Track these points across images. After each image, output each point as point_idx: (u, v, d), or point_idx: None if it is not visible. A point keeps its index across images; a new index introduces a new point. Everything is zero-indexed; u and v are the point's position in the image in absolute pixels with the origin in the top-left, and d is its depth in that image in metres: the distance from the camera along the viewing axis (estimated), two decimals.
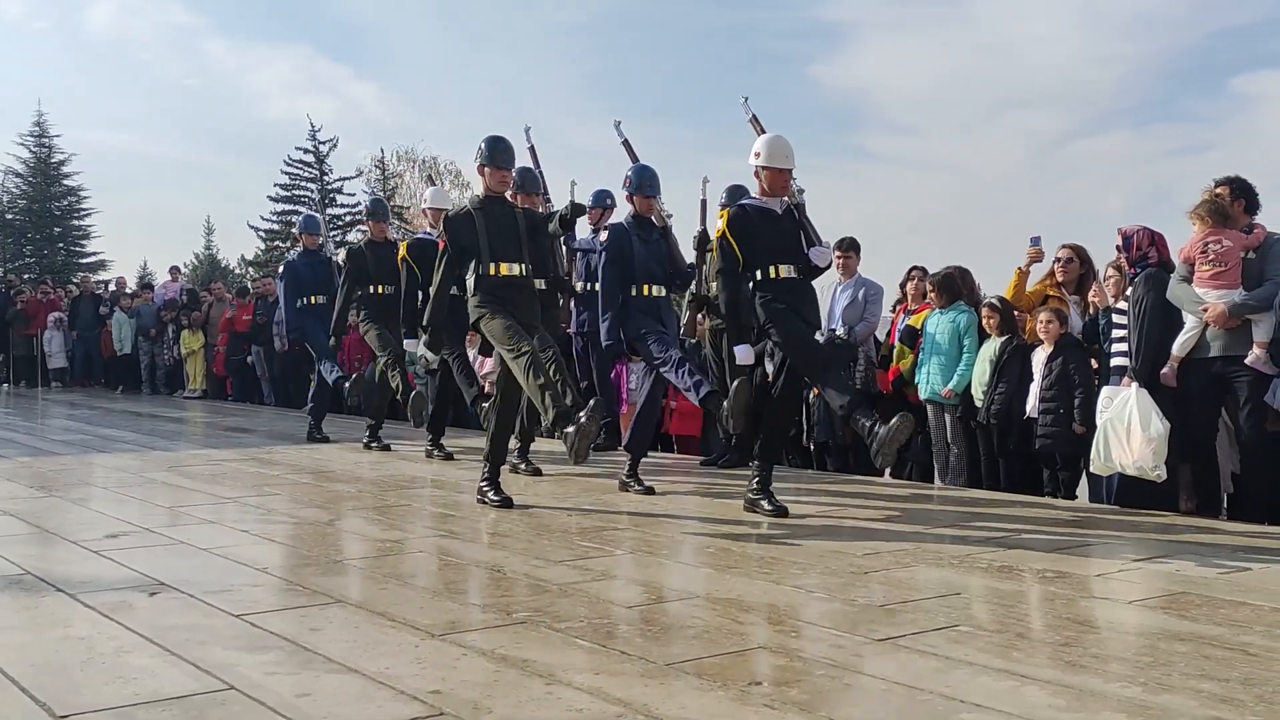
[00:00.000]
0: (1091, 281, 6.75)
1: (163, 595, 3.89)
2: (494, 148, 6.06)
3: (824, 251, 5.69)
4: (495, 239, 5.97)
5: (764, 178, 5.60)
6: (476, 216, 5.99)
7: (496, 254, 5.95)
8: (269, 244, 43.12)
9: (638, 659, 3.10)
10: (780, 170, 5.57)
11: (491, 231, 5.97)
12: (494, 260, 5.94)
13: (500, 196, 6.17)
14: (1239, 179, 5.82)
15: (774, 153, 5.57)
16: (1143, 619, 3.63)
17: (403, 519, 5.59)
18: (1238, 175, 5.84)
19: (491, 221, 6.00)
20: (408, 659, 3.12)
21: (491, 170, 6.06)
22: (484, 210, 6.04)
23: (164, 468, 7.69)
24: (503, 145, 6.10)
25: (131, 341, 17.06)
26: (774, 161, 5.56)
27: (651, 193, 6.75)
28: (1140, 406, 5.61)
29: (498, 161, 6.06)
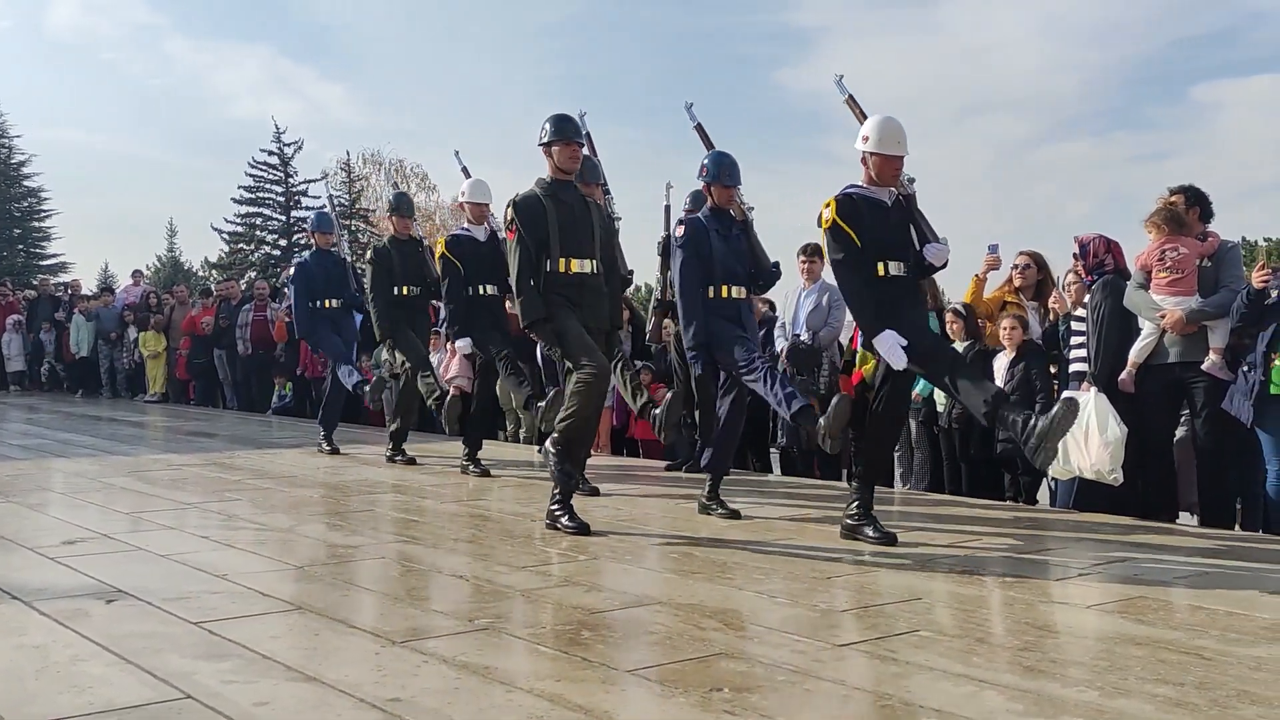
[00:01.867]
0: (1050, 288, 6.83)
1: (120, 602, 3.84)
2: (561, 121, 5.48)
3: (940, 249, 5.10)
4: (566, 230, 5.41)
5: (872, 164, 4.98)
6: (547, 204, 5.42)
7: (567, 248, 5.40)
8: (233, 246, 42.83)
9: (599, 665, 3.09)
10: (891, 157, 4.94)
11: (563, 222, 5.41)
12: (565, 255, 5.40)
13: (570, 181, 5.56)
14: (1193, 187, 5.91)
15: (885, 137, 4.94)
16: (1100, 623, 3.66)
17: (364, 524, 5.56)
18: (1191, 184, 5.93)
19: (563, 210, 5.45)
20: (368, 667, 3.10)
21: (561, 146, 5.44)
22: (554, 196, 5.46)
23: (124, 473, 7.61)
24: (571, 120, 5.52)
25: (90, 345, 16.86)
26: (885, 148, 4.93)
27: (731, 182, 5.84)
28: (1098, 411, 5.68)
29: (567, 134, 5.46)
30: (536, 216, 5.39)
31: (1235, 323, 5.64)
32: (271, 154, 42.43)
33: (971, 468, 6.90)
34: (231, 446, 9.49)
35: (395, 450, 8.25)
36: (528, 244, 5.37)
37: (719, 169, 5.82)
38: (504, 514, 5.93)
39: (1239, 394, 5.60)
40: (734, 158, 5.90)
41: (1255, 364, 5.57)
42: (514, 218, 5.43)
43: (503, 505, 6.26)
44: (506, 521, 5.68)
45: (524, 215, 5.39)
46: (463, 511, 6.08)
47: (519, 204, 5.44)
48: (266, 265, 40.11)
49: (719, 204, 5.85)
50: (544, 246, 5.37)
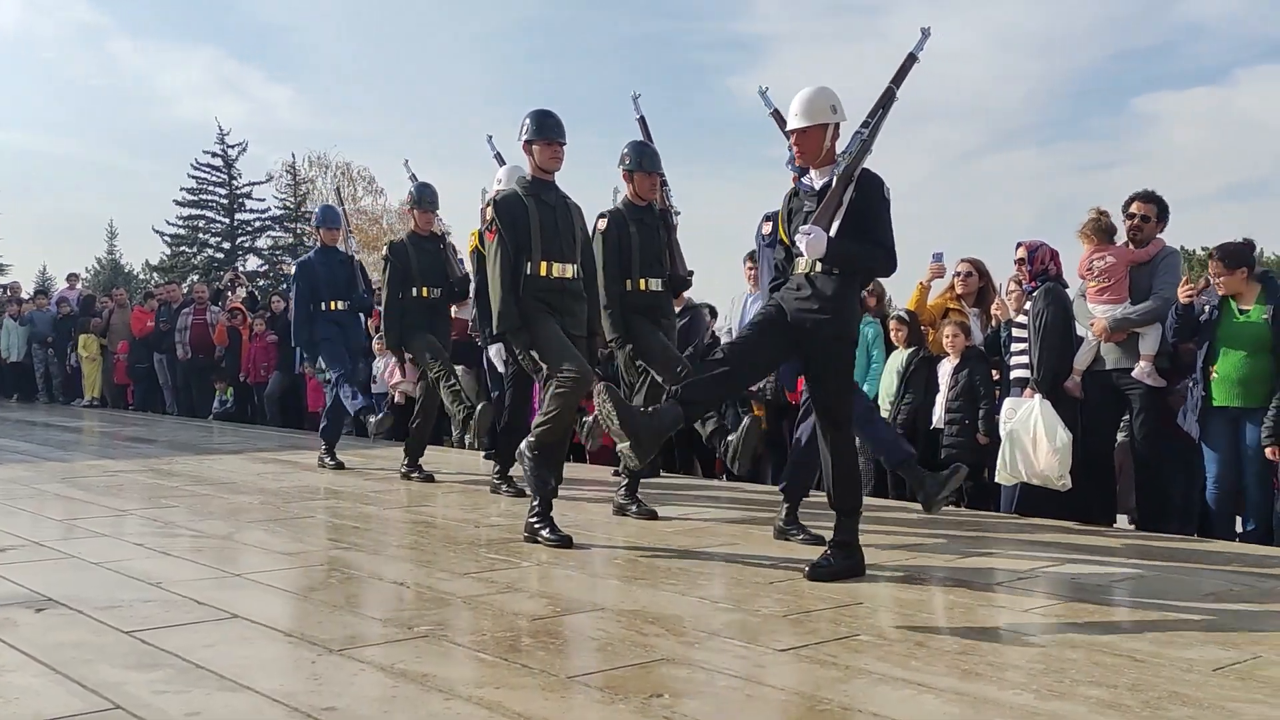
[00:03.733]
0: (992, 294, 6.91)
1: (50, 611, 3.76)
2: (543, 117, 5.30)
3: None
4: (548, 233, 5.28)
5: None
6: (529, 204, 5.28)
7: (548, 252, 5.27)
8: (175, 249, 42.21)
9: (539, 672, 3.07)
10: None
11: (545, 224, 5.28)
12: (545, 259, 5.27)
13: (551, 181, 5.40)
14: (1151, 194, 6.00)
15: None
16: (1040, 625, 3.70)
17: (304, 531, 5.48)
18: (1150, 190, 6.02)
19: (545, 211, 5.30)
20: (303, 675, 3.05)
21: (542, 145, 5.30)
22: (535, 197, 5.31)
23: (57, 479, 7.46)
24: (552, 117, 5.31)
25: (22, 349, 16.53)
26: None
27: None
28: (1045, 418, 5.73)
29: (547, 133, 5.30)
30: (518, 217, 5.24)
31: (1171, 337, 5.75)
32: (215, 155, 41.92)
33: None
34: (170, 452, 9.34)
35: (411, 465, 7.53)
36: (508, 246, 5.22)
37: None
38: (447, 520, 5.88)
39: (1189, 410, 5.70)
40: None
41: (1196, 379, 5.67)
42: (495, 218, 5.28)
43: (446, 511, 6.20)
44: (449, 528, 5.63)
45: (505, 216, 5.25)
46: (405, 518, 6.01)
47: (500, 203, 5.31)
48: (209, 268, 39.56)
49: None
50: (524, 250, 5.23)
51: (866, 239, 4.29)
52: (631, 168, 5.80)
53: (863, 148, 4.33)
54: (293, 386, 12.36)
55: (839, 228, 4.25)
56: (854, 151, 4.34)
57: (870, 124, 4.40)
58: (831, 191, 4.29)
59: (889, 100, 4.49)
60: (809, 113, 4.36)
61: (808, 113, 4.36)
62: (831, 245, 4.22)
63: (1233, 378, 5.53)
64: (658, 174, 5.83)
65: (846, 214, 4.26)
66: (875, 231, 4.31)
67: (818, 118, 4.36)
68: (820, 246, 4.21)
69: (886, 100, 4.48)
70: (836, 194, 4.27)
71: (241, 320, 12.98)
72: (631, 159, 5.80)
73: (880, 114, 4.46)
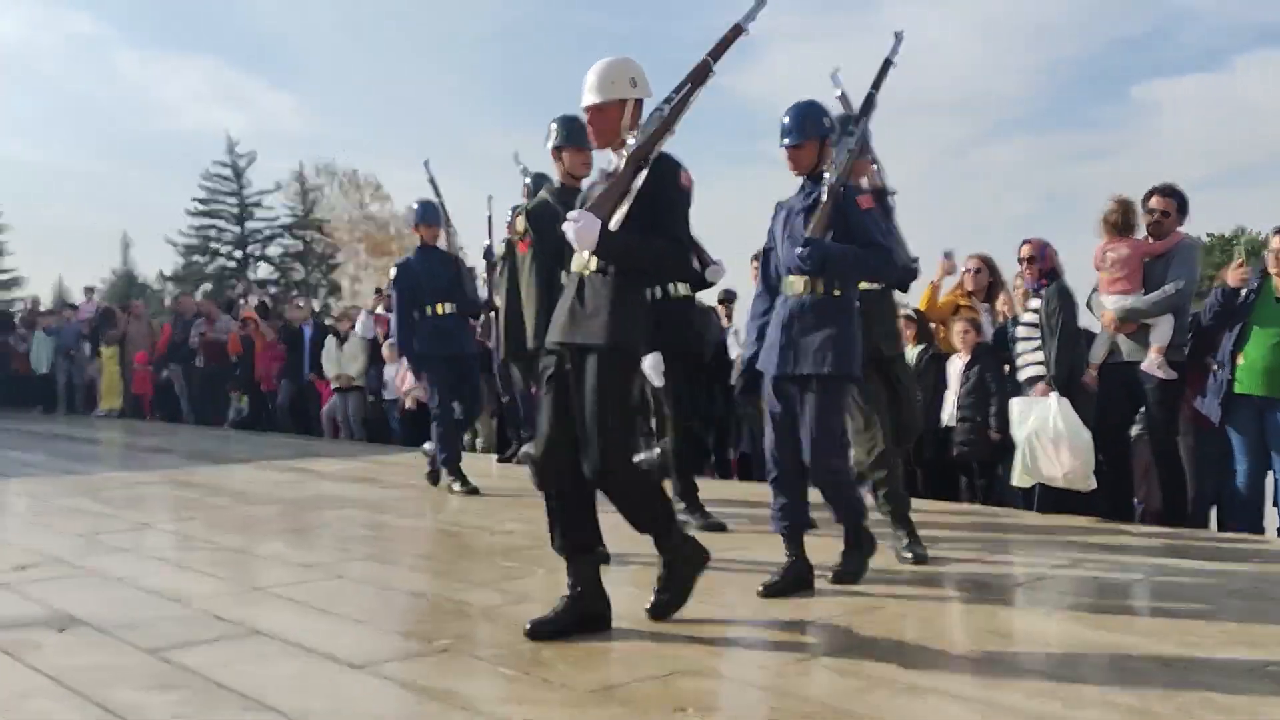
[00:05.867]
0: (1000, 290, 6.88)
1: (72, 631, 3.77)
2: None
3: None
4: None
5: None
6: (560, 211, 4.98)
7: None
8: (187, 259, 42.38)
9: (560, 686, 3.07)
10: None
11: None
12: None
13: (578, 188, 5.11)
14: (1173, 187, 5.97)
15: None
16: (1060, 629, 3.68)
17: (321, 542, 5.50)
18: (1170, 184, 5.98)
19: None
20: (324, 694, 3.05)
21: (571, 152, 5.20)
22: (566, 205, 4.96)
23: (79, 492, 7.48)
24: (578, 120, 4.94)
25: (50, 361, 16.63)
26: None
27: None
28: (1067, 418, 5.67)
29: (576, 140, 5.14)
30: (552, 226, 4.88)
31: (1206, 319, 5.73)
32: (225, 165, 42.06)
33: (927, 471, 6.92)
34: (188, 462, 9.36)
35: (455, 476, 7.20)
36: (545, 258, 5.04)
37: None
38: (462, 528, 5.88)
39: (1210, 393, 5.67)
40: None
41: (1223, 362, 5.63)
42: (528, 228, 5.20)
43: (461, 519, 6.20)
44: (465, 536, 5.63)
45: (539, 225, 5.11)
46: (420, 526, 6.03)
47: (533, 212, 5.23)
48: (222, 276, 39.71)
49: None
50: (559, 259, 4.91)
51: (655, 233, 3.65)
52: (559, 143, 5.28)
53: (849, 157, 4.30)
54: (301, 394, 12.40)
55: (624, 218, 3.61)
56: (841, 161, 4.27)
57: (854, 132, 4.45)
58: (618, 175, 3.68)
59: (869, 106, 4.53)
60: (603, 87, 3.77)
61: (602, 87, 3.77)
62: (604, 236, 3.57)
63: (1260, 366, 5.48)
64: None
65: (636, 202, 3.62)
66: (666, 225, 3.67)
67: (613, 92, 3.77)
68: (591, 236, 3.56)
69: (867, 106, 4.52)
70: (624, 178, 3.65)
71: (255, 329, 13.02)
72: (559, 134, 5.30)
73: (864, 121, 4.50)
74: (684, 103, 3.73)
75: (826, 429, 4.21)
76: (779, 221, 4.49)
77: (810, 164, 4.37)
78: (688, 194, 3.77)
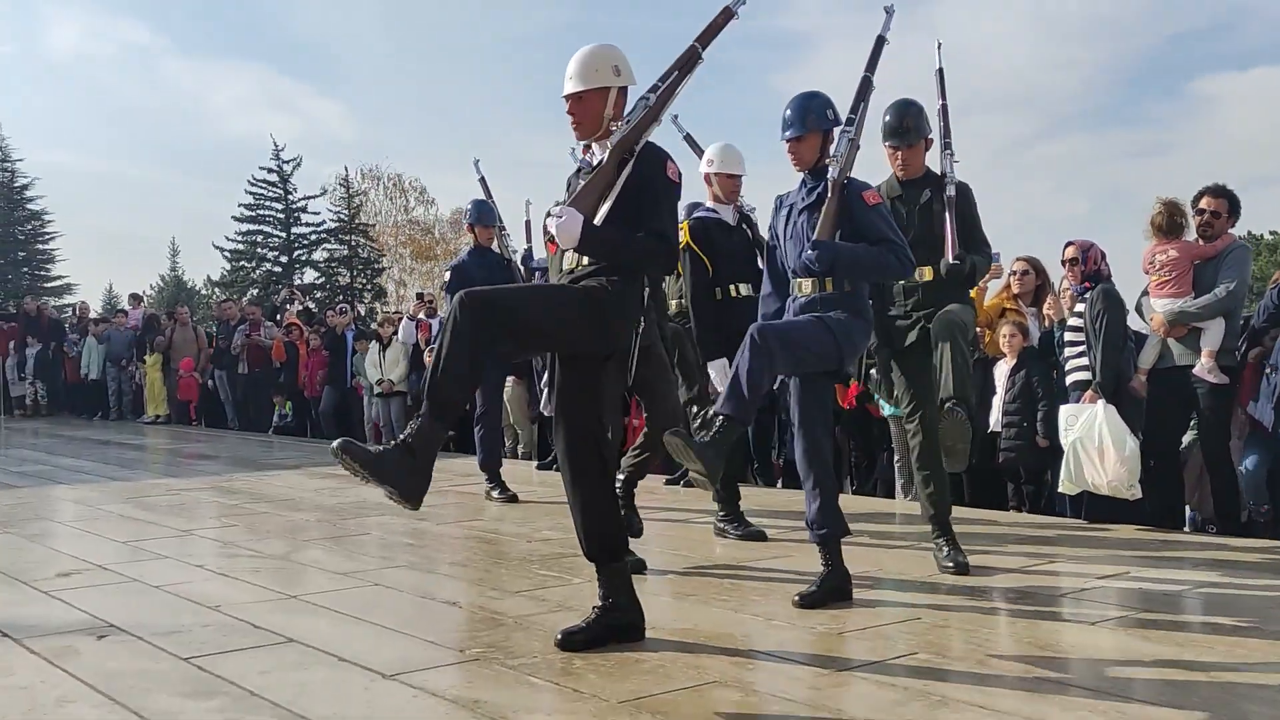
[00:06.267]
0: (1048, 293, 6.78)
1: (111, 638, 3.79)
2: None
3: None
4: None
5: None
6: (714, 229, 5.48)
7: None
8: (234, 264, 42.87)
9: (590, 697, 3.04)
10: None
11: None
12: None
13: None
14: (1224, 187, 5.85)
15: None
16: (1106, 640, 3.60)
17: (359, 549, 5.51)
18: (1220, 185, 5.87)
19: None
20: (357, 703, 3.05)
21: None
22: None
23: (123, 499, 7.57)
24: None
25: (101, 367, 16.89)
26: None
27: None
28: (1111, 425, 5.57)
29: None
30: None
31: (1260, 319, 5.63)
32: (271, 171, 42.49)
33: (973, 477, 6.83)
34: (231, 469, 9.45)
35: (494, 483, 7.24)
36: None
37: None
38: (499, 535, 5.88)
39: (1263, 397, 5.56)
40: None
41: (1276, 365, 5.52)
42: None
43: (499, 526, 6.20)
44: (501, 543, 5.62)
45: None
46: (458, 533, 6.02)
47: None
48: (268, 282, 40.14)
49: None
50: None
51: (641, 228, 3.49)
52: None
53: (851, 147, 4.20)
54: (344, 399, 12.48)
55: (609, 212, 3.47)
56: (842, 154, 4.17)
57: (855, 120, 4.26)
58: (601, 167, 3.52)
59: (867, 90, 4.36)
60: (584, 75, 3.63)
61: (583, 75, 3.63)
62: (588, 231, 3.42)
63: None
64: None
65: (620, 196, 3.48)
66: (652, 219, 3.50)
67: (594, 80, 3.62)
68: (573, 231, 3.40)
69: (864, 90, 4.35)
70: (608, 170, 3.50)
71: (298, 335, 13.13)
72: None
73: (862, 107, 4.30)
74: (671, 91, 3.62)
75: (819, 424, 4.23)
76: (781, 218, 4.38)
77: (812, 158, 4.25)
78: (676, 186, 3.60)
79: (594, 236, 3.42)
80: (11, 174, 43.93)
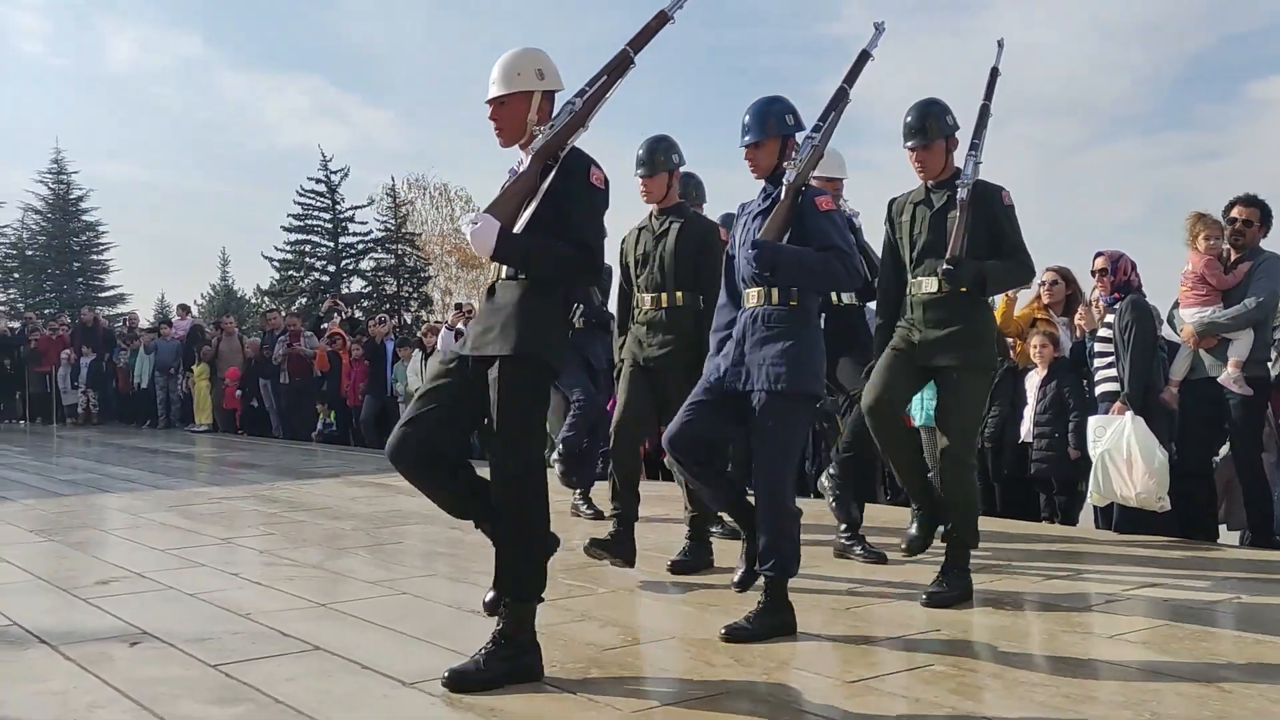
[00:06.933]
0: (1079, 303, 6.74)
1: (143, 645, 3.89)
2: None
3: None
4: None
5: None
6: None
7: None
8: (283, 273, 43.43)
9: (605, 705, 3.09)
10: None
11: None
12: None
13: None
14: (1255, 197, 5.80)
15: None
16: (1124, 653, 3.59)
17: (394, 558, 5.59)
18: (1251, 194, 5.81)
19: None
20: (377, 710, 3.12)
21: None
22: None
23: (165, 507, 7.72)
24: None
25: (149, 376, 17.21)
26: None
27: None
28: (1139, 436, 5.53)
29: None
30: None
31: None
32: (319, 181, 43.04)
33: (1005, 488, 6.81)
34: (273, 477, 9.60)
35: (584, 499, 6.97)
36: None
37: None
38: None
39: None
40: None
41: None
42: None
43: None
44: None
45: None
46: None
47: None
48: (316, 291, 40.62)
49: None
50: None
51: (563, 236, 3.38)
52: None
53: (812, 153, 4.05)
54: (385, 409, 12.63)
55: (530, 219, 3.36)
56: (802, 159, 4.02)
57: (821, 127, 4.13)
58: (523, 173, 3.42)
59: (841, 100, 4.23)
60: (507, 79, 3.51)
61: (505, 79, 3.51)
62: (504, 239, 3.32)
63: None
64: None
65: (542, 203, 3.37)
66: (572, 225, 3.38)
67: (517, 84, 3.50)
68: (488, 239, 3.30)
69: (838, 100, 4.22)
70: (530, 176, 3.40)
71: (341, 345, 13.31)
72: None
73: (833, 116, 4.18)
74: (599, 96, 3.52)
75: (780, 456, 3.89)
76: (739, 226, 4.22)
77: (770, 164, 4.13)
78: (600, 193, 3.47)
79: (509, 244, 3.32)
80: (67, 186, 44.86)
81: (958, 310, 4.35)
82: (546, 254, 3.36)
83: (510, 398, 3.34)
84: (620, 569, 4.94)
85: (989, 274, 4.32)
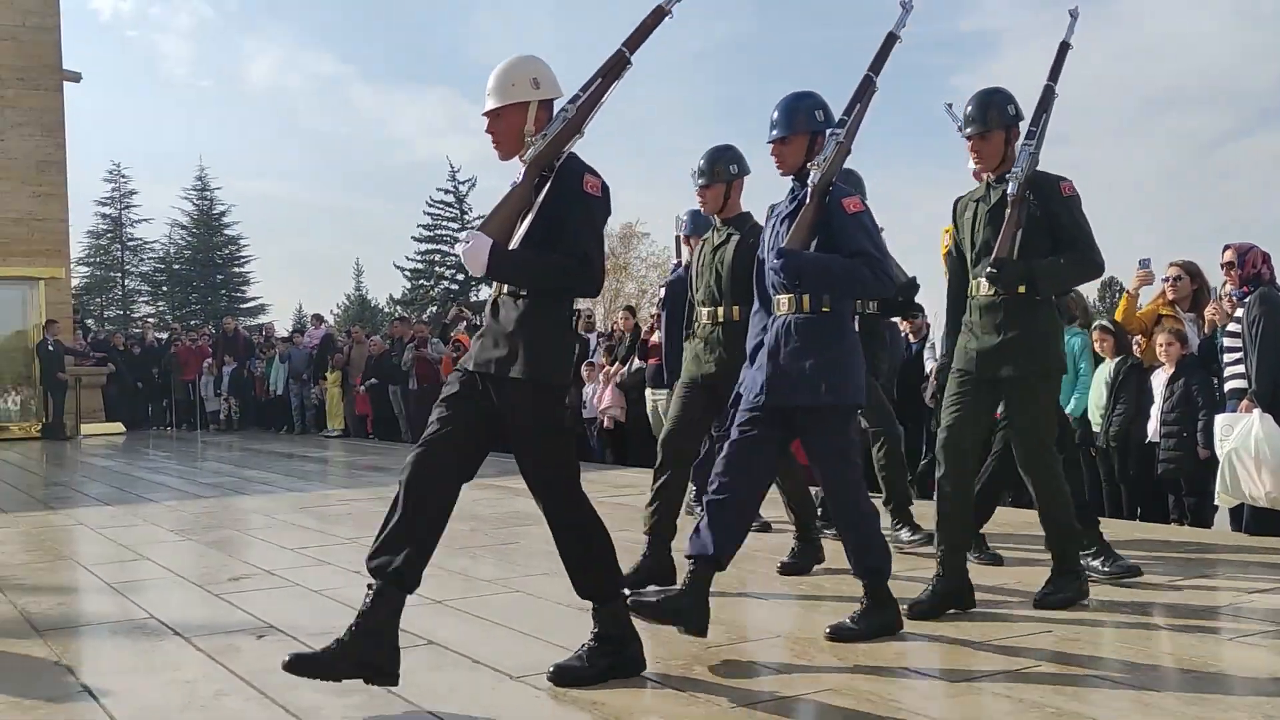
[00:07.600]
0: (1207, 298, 6.51)
1: (269, 638, 4.07)
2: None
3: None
4: None
5: None
6: None
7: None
8: (414, 283, 44.55)
9: (706, 702, 3.12)
10: None
11: None
12: None
13: None
14: None
15: None
16: (1249, 658, 3.48)
17: (509, 558, 5.72)
18: None
19: None
20: (483, 701, 3.21)
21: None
22: None
23: (298, 509, 8.01)
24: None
25: (285, 384, 17.86)
26: None
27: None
28: (1269, 435, 5.32)
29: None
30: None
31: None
32: (448, 193, 44.06)
33: (1131, 489, 6.62)
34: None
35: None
36: None
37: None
38: (642, 545, 5.98)
39: None
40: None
41: None
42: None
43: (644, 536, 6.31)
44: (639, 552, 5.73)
45: None
46: None
47: None
48: (445, 299, 41.55)
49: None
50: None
51: (560, 248, 3.26)
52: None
53: (838, 150, 3.89)
54: None
55: (526, 233, 3.27)
56: (827, 157, 3.85)
57: (846, 122, 3.94)
58: (517, 186, 3.31)
59: (868, 90, 4.03)
60: (501, 90, 3.39)
61: (500, 91, 3.40)
62: (496, 256, 3.21)
63: None
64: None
65: (538, 216, 3.28)
66: (568, 236, 3.27)
67: (511, 96, 3.39)
68: (480, 258, 3.19)
69: (864, 90, 4.03)
70: (524, 189, 3.29)
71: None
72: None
73: (859, 108, 3.99)
74: (594, 101, 3.39)
75: (843, 465, 3.81)
76: (769, 229, 4.09)
77: (797, 162, 3.98)
78: (597, 201, 3.33)
79: (502, 261, 3.22)
80: (211, 201, 46.87)
81: (1015, 314, 4.09)
82: (543, 268, 3.26)
83: (522, 425, 3.40)
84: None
85: (1039, 274, 4.02)
